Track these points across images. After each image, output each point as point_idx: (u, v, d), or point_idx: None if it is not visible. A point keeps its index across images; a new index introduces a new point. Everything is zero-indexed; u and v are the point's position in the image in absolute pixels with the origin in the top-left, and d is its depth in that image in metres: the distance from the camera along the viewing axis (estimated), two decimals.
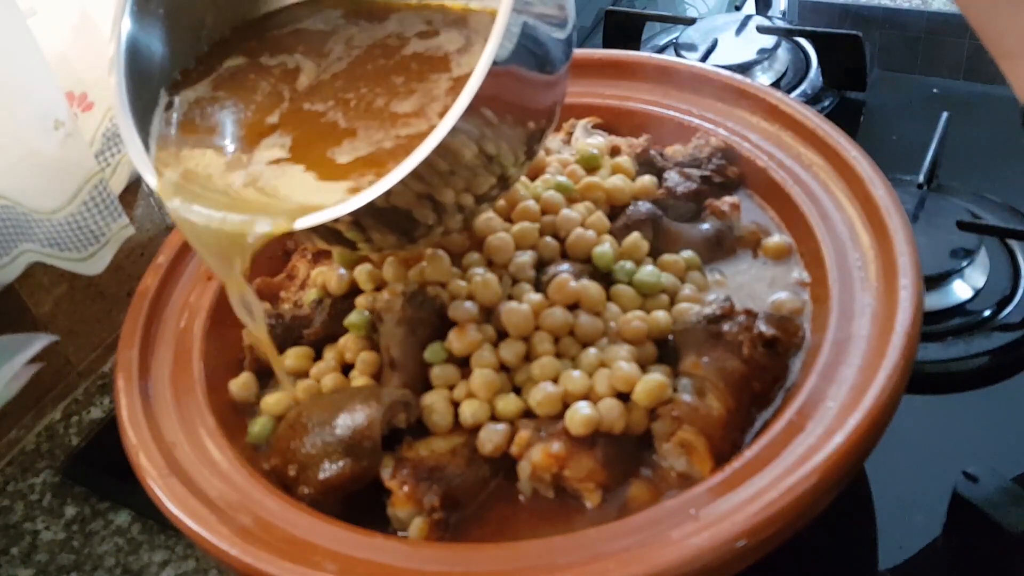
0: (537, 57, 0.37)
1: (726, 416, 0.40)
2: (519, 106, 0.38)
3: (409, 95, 0.41)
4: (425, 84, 0.41)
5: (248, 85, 0.45)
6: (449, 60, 0.42)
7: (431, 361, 0.44)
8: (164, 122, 0.43)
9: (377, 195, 0.34)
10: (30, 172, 0.52)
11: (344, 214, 0.35)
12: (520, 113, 0.38)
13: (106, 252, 0.57)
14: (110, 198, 0.56)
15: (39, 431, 0.60)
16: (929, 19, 0.84)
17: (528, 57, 0.36)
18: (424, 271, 0.46)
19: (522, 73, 0.36)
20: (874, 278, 0.43)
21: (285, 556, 0.36)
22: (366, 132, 0.40)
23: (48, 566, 0.52)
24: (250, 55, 0.46)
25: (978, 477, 0.45)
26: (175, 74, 0.45)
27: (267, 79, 0.45)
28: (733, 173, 0.53)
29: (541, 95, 0.40)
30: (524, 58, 0.36)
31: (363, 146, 0.40)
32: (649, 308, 0.45)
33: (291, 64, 0.45)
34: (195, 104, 0.44)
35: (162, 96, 0.44)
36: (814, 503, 0.35)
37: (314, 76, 0.44)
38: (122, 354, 0.47)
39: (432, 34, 0.44)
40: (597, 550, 0.35)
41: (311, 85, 0.44)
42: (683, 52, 0.80)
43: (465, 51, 0.42)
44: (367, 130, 0.40)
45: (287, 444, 0.42)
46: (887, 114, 0.75)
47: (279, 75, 0.45)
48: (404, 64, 0.43)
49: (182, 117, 0.43)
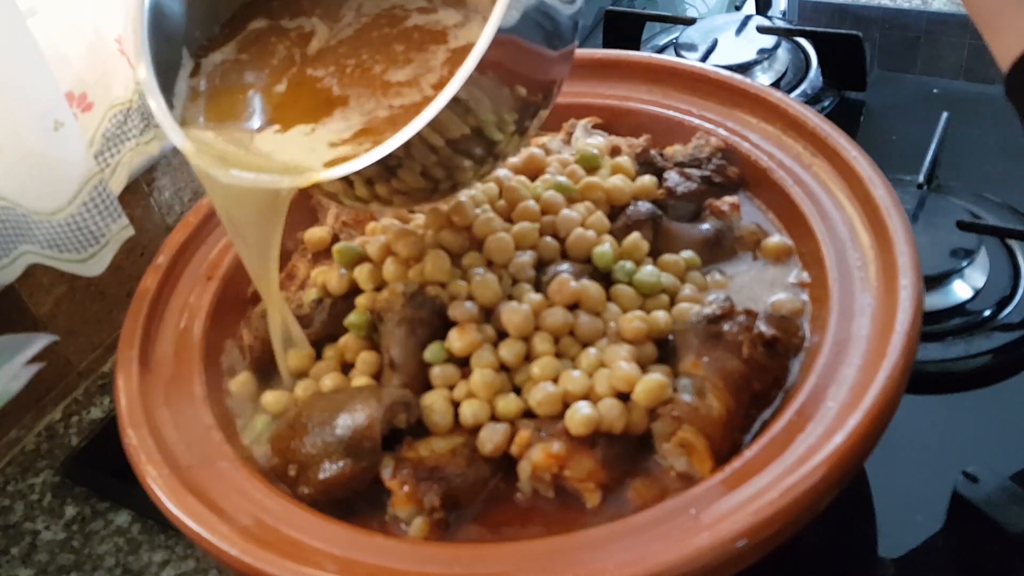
0: (543, 29, 0.38)
1: (726, 416, 0.40)
2: (520, 75, 0.38)
3: (406, 64, 0.41)
4: (423, 55, 0.42)
5: (268, 49, 0.45)
6: (447, 33, 0.42)
7: (431, 361, 0.44)
8: (190, 84, 0.44)
9: (397, 146, 0.35)
10: (30, 173, 0.52)
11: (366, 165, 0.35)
12: (520, 82, 0.38)
13: (106, 253, 0.57)
14: (110, 199, 0.56)
15: (39, 431, 0.60)
16: (929, 19, 0.84)
17: (534, 28, 0.37)
18: (424, 271, 0.46)
19: (526, 43, 0.37)
20: (874, 278, 0.43)
21: (285, 556, 0.36)
22: (358, 101, 0.41)
23: (48, 566, 0.52)
24: (272, 16, 0.47)
25: (978, 477, 0.45)
26: (198, 35, 0.46)
27: (284, 42, 0.45)
28: (733, 173, 0.53)
29: (543, 68, 0.40)
30: (530, 28, 0.36)
31: (354, 115, 0.40)
32: (649, 308, 0.45)
33: (307, 28, 0.46)
34: (219, 67, 0.45)
35: (185, 57, 0.45)
36: (814, 503, 0.35)
37: (324, 41, 0.45)
38: (122, 354, 0.47)
39: (431, 10, 0.44)
40: (597, 550, 0.35)
41: (320, 50, 0.45)
42: (683, 52, 0.80)
43: (463, 25, 0.43)
44: (359, 99, 0.41)
45: (287, 444, 0.42)
46: (887, 114, 0.75)
47: (295, 39, 0.46)
48: (406, 33, 0.43)
49: (207, 80, 0.44)
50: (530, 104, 0.40)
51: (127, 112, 0.62)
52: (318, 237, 0.53)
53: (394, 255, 0.48)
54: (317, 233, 0.53)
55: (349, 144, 0.39)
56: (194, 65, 0.45)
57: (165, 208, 0.69)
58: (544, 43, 0.38)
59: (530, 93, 0.39)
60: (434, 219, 0.49)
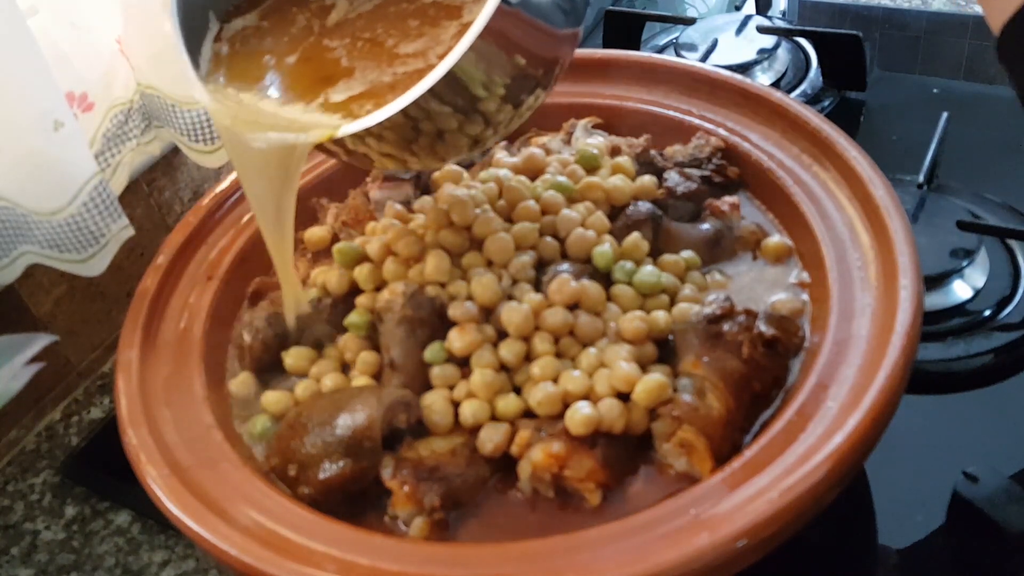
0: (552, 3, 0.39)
1: (726, 416, 0.40)
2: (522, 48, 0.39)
3: (418, 38, 0.42)
4: (435, 29, 0.42)
5: (288, 18, 0.46)
6: (462, 8, 0.43)
7: (431, 361, 0.44)
8: (214, 48, 0.45)
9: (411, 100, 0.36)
10: (30, 173, 0.52)
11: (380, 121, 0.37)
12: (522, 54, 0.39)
13: (106, 253, 0.57)
14: (110, 199, 0.56)
15: (39, 431, 0.60)
16: (929, 19, 0.84)
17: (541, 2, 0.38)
18: (424, 271, 0.46)
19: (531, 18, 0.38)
20: (874, 278, 0.43)
21: (285, 556, 0.36)
22: (363, 73, 0.41)
23: (48, 566, 0.52)
24: None
25: (978, 477, 0.45)
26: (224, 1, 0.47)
27: (304, 13, 0.46)
28: (733, 173, 0.53)
29: (547, 45, 0.40)
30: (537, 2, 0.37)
31: (356, 85, 0.41)
32: (649, 308, 0.45)
33: (328, 0, 0.46)
34: (241, 32, 0.46)
35: (213, 21, 0.46)
36: (814, 503, 0.35)
37: (343, 14, 0.45)
38: (122, 354, 0.47)
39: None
40: (597, 550, 0.35)
41: (338, 22, 0.45)
42: (683, 52, 0.80)
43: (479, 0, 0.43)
44: (363, 71, 0.42)
45: (287, 444, 0.42)
46: (887, 114, 0.75)
47: (315, 10, 0.46)
48: (423, 9, 0.44)
49: (229, 44, 0.45)
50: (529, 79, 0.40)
51: (128, 112, 0.62)
52: (318, 237, 0.53)
53: (394, 255, 0.48)
54: (317, 233, 0.53)
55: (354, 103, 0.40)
56: (219, 29, 0.46)
57: (165, 208, 0.69)
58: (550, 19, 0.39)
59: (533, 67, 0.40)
60: (434, 219, 0.49)
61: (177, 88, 0.61)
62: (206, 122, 0.63)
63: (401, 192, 0.54)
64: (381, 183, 0.55)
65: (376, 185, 0.55)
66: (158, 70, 0.61)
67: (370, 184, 0.56)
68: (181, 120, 0.63)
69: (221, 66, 0.44)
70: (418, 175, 0.55)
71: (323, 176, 0.58)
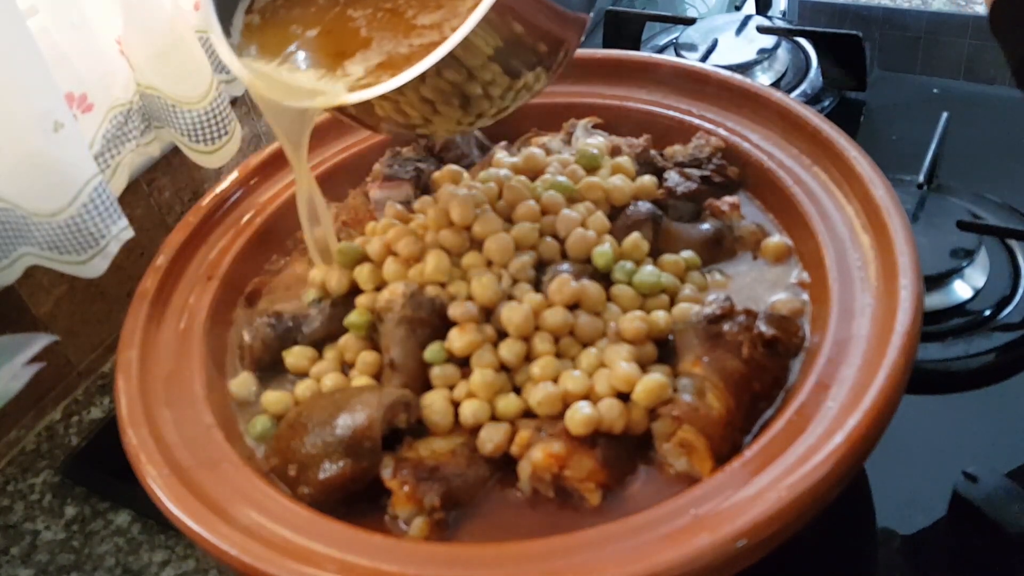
0: None
1: (726, 416, 0.40)
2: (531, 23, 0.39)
3: (436, 10, 0.43)
4: (454, 2, 0.43)
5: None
6: None
7: (431, 361, 0.44)
8: (245, 19, 0.47)
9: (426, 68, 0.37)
10: (29, 174, 0.52)
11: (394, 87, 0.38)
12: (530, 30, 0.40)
13: (106, 255, 0.57)
14: (110, 200, 0.56)
15: (39, 431, 0.60)
16: (929, 19, 0.84)
17: None
18: (424, 271, 0.46)
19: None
20: (874, 278, 0.43)
21: (285, 556, 0.36)
22: (379, 43, 0.43)
23: (48, 566, 0.52)
24: None
25: (978, 477, 0.45)
26: None
27: None
28: (733, 173, 0.53)
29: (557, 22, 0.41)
30: None
31: (373, 56, 0.42)
32: (649, 308, 0.45)
33: None
34: (271, 3, 0.47)
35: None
36: (814, 503, 0.35)
37: None
38: (122, 354, 0.47)
39: None
40: (597, 550, 0.35)
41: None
42: (683, 52, 0.80)
43: None
44: (381, 41, 0.43)
45: (287, 444, 0.42)
46: (887, 114, 0.75)
47: None
48: None
49: (260, 14, 0.47)
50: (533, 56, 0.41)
51: (127, 113, 0.62)
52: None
53: (394, 255, 0.48)
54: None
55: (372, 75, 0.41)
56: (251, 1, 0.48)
57: (165, 208, 0.69)
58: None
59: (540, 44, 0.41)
60: (434, 219, 0.49)
61: (177, 88, 0.61)
62: (206, 122, 0.63)
63: (401, 192, 0.54)
64: (381, 183, 0.55)
65: (376, 185, 0.55)
66: (158, 70, 0.61)
67: (370, 184, 0.56)
68: (181, 120, 0.63)
69: (254, 36, 0.47)
70: (418, 175, 0.55)
71: (323, 176, 0.58)
